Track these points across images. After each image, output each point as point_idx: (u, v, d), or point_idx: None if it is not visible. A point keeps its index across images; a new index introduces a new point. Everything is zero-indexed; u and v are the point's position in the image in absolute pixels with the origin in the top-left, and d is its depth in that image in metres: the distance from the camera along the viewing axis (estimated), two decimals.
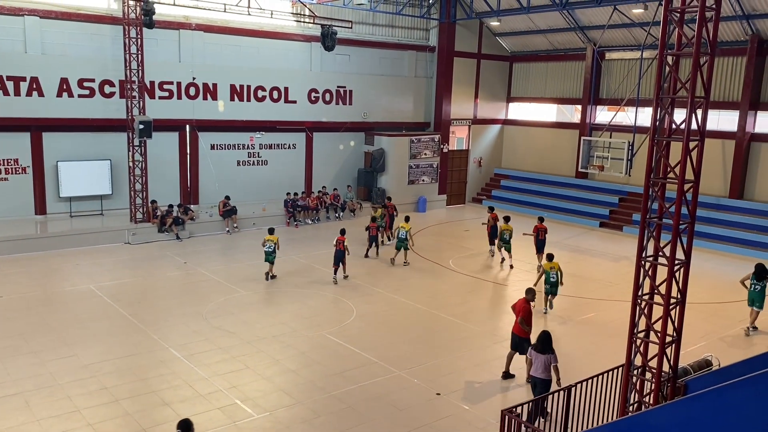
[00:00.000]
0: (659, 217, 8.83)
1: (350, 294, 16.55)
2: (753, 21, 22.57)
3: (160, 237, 21.61)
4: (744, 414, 6.26)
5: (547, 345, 10.13)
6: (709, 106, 8.54)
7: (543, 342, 10.17)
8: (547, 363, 10.09)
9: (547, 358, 10.09)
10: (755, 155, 23.76)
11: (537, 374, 10.20)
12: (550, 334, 10.35)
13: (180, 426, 7.47)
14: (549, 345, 10.14)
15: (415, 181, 28.97)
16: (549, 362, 10.09)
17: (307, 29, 25.48)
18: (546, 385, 10.12)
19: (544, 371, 10.11)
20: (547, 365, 10.09)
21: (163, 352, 12.48)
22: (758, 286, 14.70)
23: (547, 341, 10.16)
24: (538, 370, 10.15)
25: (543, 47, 30.53)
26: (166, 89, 22.86)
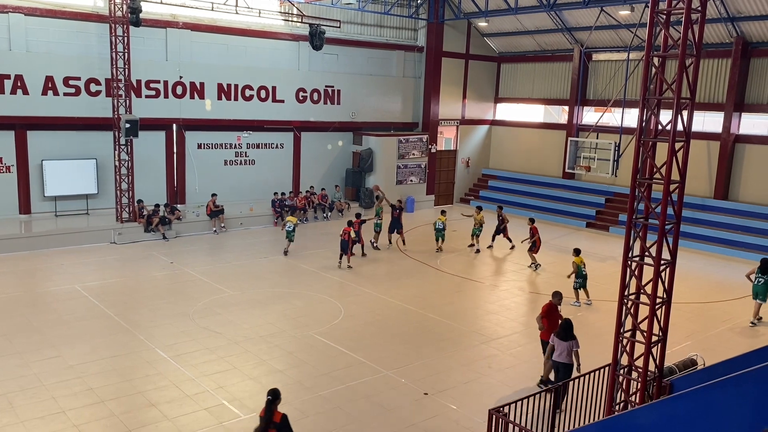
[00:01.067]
0: (645, 218, 8.90)
1: (338, 294, 16.53)
2: (738, 23, 22.80)
3: (147, 237, 21.47)
4: (728, 412, 6.32)
5: (569, 332, 10.71)
6: (694, 107, 8.61)
7: (565, 329, 10.75)
8: (569, 348, 10.66)
9: (569, 344, 10.66)
10: (740, 156, 24.00)
11: (560, 359, 10.73)
12: (571, 322, 10.89)
13: (270, 393, 7.71)
14: (571, 332, 10.72)
15: (403, 182, 28.99)
16: (571, 348, 10.67)
17: (295, 28, 25.42)
18: (568, 369, 10.69)
19: (567, 356, 10.69)
20: (569, 351, 10.67)
21: (150, 353, 12.40)
22: (762, 279, 15.22)
23: (569, 328, 10.74)
24: (562, 355, 10.72)
25: (530, 48, 30.66)
26: (152, 88, 22.71)
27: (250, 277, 17.78)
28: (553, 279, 18.99)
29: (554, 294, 12.29)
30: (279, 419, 7.57)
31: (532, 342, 13.85)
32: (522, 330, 14.61)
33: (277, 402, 7.65)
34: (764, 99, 23.28)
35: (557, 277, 19.12)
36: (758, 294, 15.31)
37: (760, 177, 23.45)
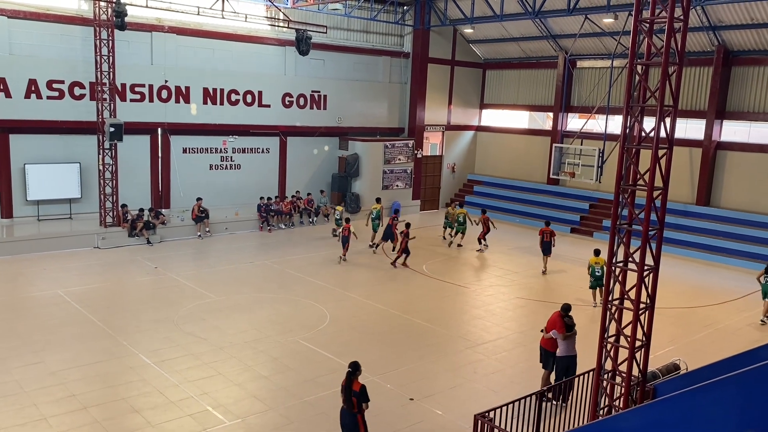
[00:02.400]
0: (629, 224, 8.98)
1: (323, 299, 16.50)
2: (719, 32, 23.12)
3: (131, 241, 21.31)
4: (711, 417, 6.38)
5: (571, 328, 11.23)
6: (677, 114, 8.71)
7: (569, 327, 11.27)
8: (571, 343, 11.16)
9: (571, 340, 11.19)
10: (721, 163, 24.30)
11: (567, 353, 11.13)
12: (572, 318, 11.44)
13: (351, 366, 8.85)
14: (572, 327, 11.26)
15: (389, 186, 29.02)
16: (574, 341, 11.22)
17: (281, 33, 25.40)
18: (574, 361, 11.16)
19: (570, 349, 11.17)
20: (571, 345, 11.16)
21: (133, 359, 12.29)
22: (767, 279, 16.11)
23: (571, 325, 11.28)
24: (566, 350, 11.14)
25: (515, 55, 30.87)
26: (137, 92, 22.58)
27: (236, 282, 17.70)
28: (537, 284, 19.11)
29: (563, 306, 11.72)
30: (358, 389, 8.77)
31: (518, 347, 13.93)
32: (507, 335, 14.67)
33: (357, 373, 8.80)
34: (745, 107, 23.62)
35: (543, 282, 19.24)
36: (767, 294, 16.09)
37: (741, 183, 23.76)
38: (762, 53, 22.96)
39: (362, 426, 8.85)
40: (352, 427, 8.82)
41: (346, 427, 8.92)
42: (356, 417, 8.77)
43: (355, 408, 8.74)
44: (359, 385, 8.79)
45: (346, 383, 8.83)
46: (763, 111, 23.17)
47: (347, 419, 8.86)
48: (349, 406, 8.79)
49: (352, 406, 8.75)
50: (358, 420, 8.78)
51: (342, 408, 8.93)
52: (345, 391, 8.82)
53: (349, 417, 8.82)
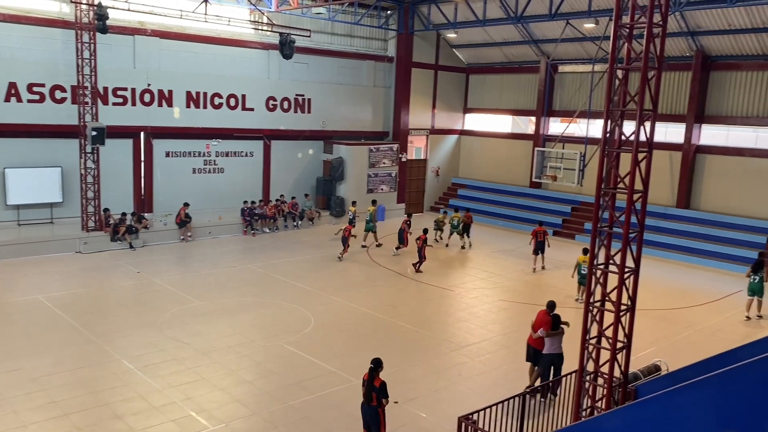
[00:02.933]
0: (610, 226, 9.09)
1: (307, 303, 16.48)
2: (698, 37, 23.47)
3: (113, 246, 21.13)
4: (691, 417, 6.47)
5: (557, 325, 11.53)
6: (656, 118, 8.84)
7: (556, 324, 11.54)
8: (557, 341, 11.42)
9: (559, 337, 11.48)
10: (700, 166, 24.64)
11: (554, 351, 11.39)
12: (559, 315, 11.67)
13: (373, 362, 9.22)
14: (558, 324, 11.55)
15: (374, 190, 29.05)
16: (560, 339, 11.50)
17: (265, 37, 25.38)
18: (560, 359, 11.48)
19: (558, 347, 11.43)
20: (557, 343, 11.41)
21: (116, 364, 12.19)
22: (756, 278, 16.70)
23: (557, 322, 11.55)
24: (553, 347, 11.39)
25: (498, 59, 31.09)
26: (120, 95, 22.43)
27: (219, 287, 17.63)
28: (521, 286, 19.23)
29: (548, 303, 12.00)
30: (379, 384, 9.12)
31: (502, 349, 14.01)
32: (491, 337, 14.75)
33: (379, 370, 9.19)
34: (723, 111, 23.97)
35: (526, 285, 19.37)
36: (754, 291, 16.71)
37: (720, 186, 24.11)
38: (739, 58, 23.34)
39: (382, 418, 9.28)
40: (373, 420, 9.25)
41: (367, 420, 9.35)
42: (377, 410, 9.19)
43: (374, 401, 9.14)
44: (380, 381, 9.16)
45: (368, 378, 9.23)
46: (741, 115, 23.55)
47: (368, 412, 9.28)
48: (368, 400, 9.20)
49: (371, 400, 9.16)
50: (379, 413, 9.21)
51: (362, 403, 9.32)
52: (366, 385, 9.21)
53: (369, 410, 9.25)
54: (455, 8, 26.80)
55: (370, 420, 9.28)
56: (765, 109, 22.98)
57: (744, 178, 23.47)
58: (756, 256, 21.68)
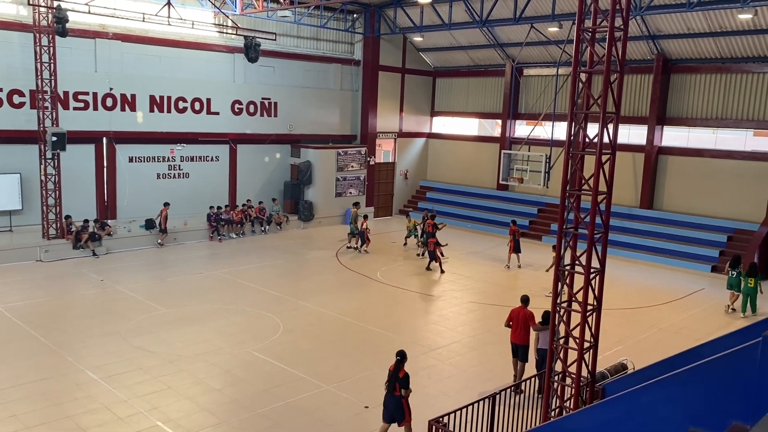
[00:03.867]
0: (575, 228, 9.20)
1: (276, 309, 16.32)
2: (658, 41, 23.97)
3: (76, 254, 20.67)
4: (656, 414, 6.57)
5: (547, 321, 11.38)
6: (619, 121, 8.98)
7: (546, 319, 11.49)
8: (546, 335, 11.26)
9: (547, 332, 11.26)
10: (663, 167, 25.15)
11: (544, 346, 11.44)
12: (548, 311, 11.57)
13: (399, 354, 9.68)
14: (547, 320, 11.42)
15: (342, 194, 28.98)
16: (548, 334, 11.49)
17: (230, 40, 25.12)
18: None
19: (545, 343, 11.39)
20: (546, 338, 11.33)
21: (79, 375, 11.89)
22: (734, 273, 17.61)
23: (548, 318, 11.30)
24: (545, 342, 11.42)
25: (464, 63, 31.31)
26: (81, 100, 21.97)
27: (186, 294, 17.36)
28: (489, 288, 19.35)
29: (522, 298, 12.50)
30: (402, 375, 9.53)
31: (471, 351, 14.07)
32: (461, 339, 14.80)
33: (404, 362, 9.60)
34: (684, 113, 24.52)
35: (495, 287, 19.50)
36: (732, 286, 17.65)
37: (682, 187, 24.64)
38: (698, 61, 23.91)
39: (407, 408, 9.60)
40: (396, 410, 9.58)
41: (389, 410, 9.65)
42: (400, 400, 9.54)
43: (397, 392, 9.51)
44: (404, 372, 9.54)
45: (394, 369, 9.60)
46: (701, 117, 24.11)
47: (391, 402, 9.62)
48: (391, 390, 9.58)
49: (394, 390, 9.55)
50: (402, 403, 9.56)
51: (386, 394, 9.67)
52: (391, 376, 9.60)
53: (393, 400, 9.58)
54: (421, 12, 26.91)
55: (394, 410, 9.58)
56: (723, 111, 23.58)
57: (704, 178, 24.03)
58: (717, 255, 22.27)
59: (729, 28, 21.85)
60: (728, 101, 23.43)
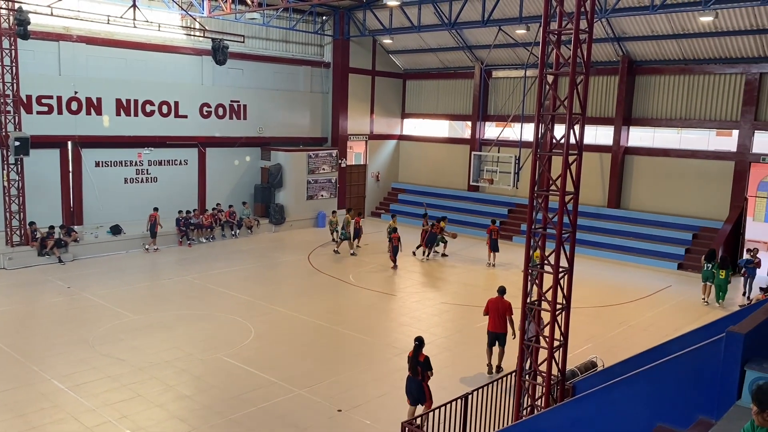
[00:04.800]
0: (543, 227, 9.29)
1: (247, 314, 16.18)
2: (623, 43, 24.39)
3: (41, 261, 20.23)
4: (625, 411, 6.67)
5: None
6: (586, 121, 9.11)
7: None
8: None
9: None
10: (629, 167, 25.58)
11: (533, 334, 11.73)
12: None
13: (417, 340, 10.24)
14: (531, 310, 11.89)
15: (314, 196, 28.87)
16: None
17: (197, 43, 24.86)
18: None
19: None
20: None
21: (45, 385, 11.63)
22: (708, 266, 18.44)
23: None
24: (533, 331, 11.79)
25: (434, 65, 31.47)
26: (45, 104, 21.53)
27: (155, 300, 17.11)
28: (462, 289, 19.46)
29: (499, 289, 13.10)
30: (423, 359, 10.09)
31: (444, 352, 14.12)
32: (434, 340, 14.81)
33: (422, 346, 10.15)
34: (649, 113, 24.98)
35: (466, 287, 19.60)
36: (707, 278, 18.46)
37: (648, 186, 25.09)
38: (662, 63, 24.38)
39: (427, 391, 10.12)
40: (418, 393, 10.11)
41: (412, 392, 10.20)
42: (421, 384, 10.06)
43: (419, 375, 10.04)
44: (424, 356, 10.08)
45: (413, 354, 10.16)
46: (666, 117, 24.59)
47: (413, 385, 10.17)
48: (414, 374, 10.13)
49: (417, 374, 10.09)
50: (423, 386, 10.07)
51: (408, 376, 10.27)
52: (412, 361, 10.16)
53: (414, 383, 10.12)
54: (390, 14, 26.97)
55: (417, 393, 10.12)
56: (687, 111, 24.08)
57: (670, 177, 24.50)
58: (683, 252, 22.71)
59: (691, 30, 22.33)
60: (692, 102, 23.94)
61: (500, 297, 12.85)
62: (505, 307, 12.71)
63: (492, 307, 12.79)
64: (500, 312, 12.69)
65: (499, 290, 12.99)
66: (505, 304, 12.75)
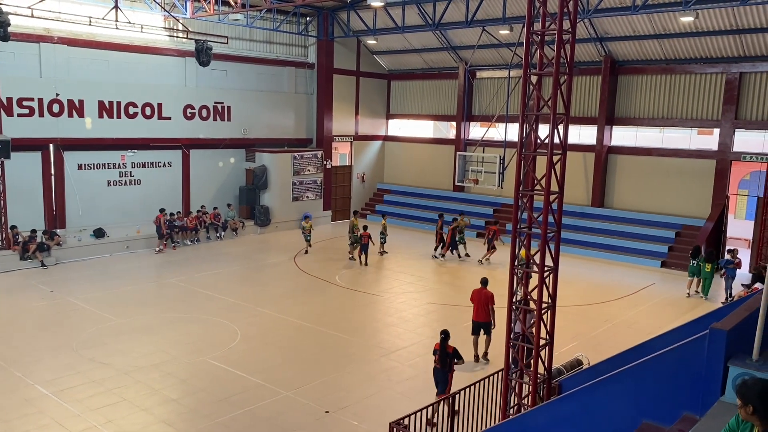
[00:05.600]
0: (528, 227, 9.35)
1: (234, 316, 16.10)
2: (606, 43, 24.59)
3: (23, 265, 20.00)
4: (611, 408, 6.73)
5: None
6: (569, 121, 9.17)
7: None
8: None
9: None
10: (612, 166, 25.79)
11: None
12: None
13: (443, 333, 10.83)
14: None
15: (299, 198, 28.80)
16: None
17: (180, 44, 24.70)
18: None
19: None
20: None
21: (28, 390, 11.50)
22: (693, 262, 19.19)
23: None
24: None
25: (418, 66, 31.52)
26: (26, 106, 21.27)
27: (139, 303, 16.97)
28: (448, 289, 19.51)
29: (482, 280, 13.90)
30: (451, 351, 10.74)
31: (431, 352, 14.10)
32: (420, 340, 14.86)
33: (448, 339, 10.76)
34: (631, 113, 25.20)
35: (452, 287, 19.66)
36: (693, 273, 19.23)
37: (631, 185, 25.31)
38: (644, 62, 24.61)
39: (450, 380, 10.78)
40: (444, 381, 10.76)
41: (439, 382, 10.87)
42: (447, 374, 10.74)
43: (447, 366, 10.72)
44: (451, 348, 10.70)
45: (441, 347, 10.80)
46: (648, 116, 24.82)
47: (440, 375, 10.86)
48: (443, 365, 10.78)
49: (445, 365, 10.75)
50: (448, 376, 10.75)
51: (435, 367, 10.94)
52: (440, 352, 10.79)
53: (441, 374, 10.82)
54: (374, 15, 26.98)
55: (442, 382, 10.73)
56: (669, 111, 24.32)
57: (652, 176, 24.72)
58: (666, 250, 22.93)
59: (672, 30, 22.57)
60: (673, 101, 24.18)
61: (483, 288, 13.59)
62: (487, 297, 13.41)
63: (475, 297, 13.57)
64: (483, 301, 13.39)
65: (482, 281, 13.77)
66: (488, 294, 13.43)
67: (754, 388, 4.01)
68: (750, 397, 4.01)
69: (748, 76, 22.48)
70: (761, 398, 3.96)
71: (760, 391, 3.98)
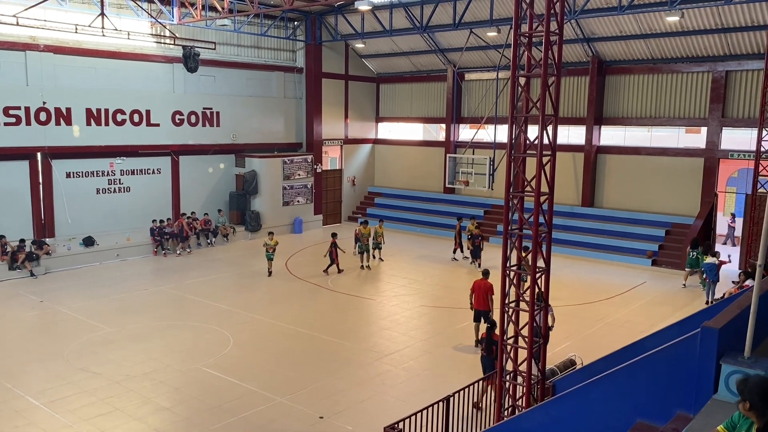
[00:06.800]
0: (519, 228, 9.36)
1: (226, 323, 16.03)
2: (593, 44, 24.71)
3: (12, 275, 19.83)
4: (605, 408, 6.73)
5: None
6: (558, 122, 9.20)
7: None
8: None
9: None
10: (602, 166, 25.90)
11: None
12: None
13: (489, 323, 11.83)
14: None
15: (290, 203, 28.73)
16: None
17: (168, 50, 24.59)
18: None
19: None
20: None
21: (19, 401, 11.39)
22: (693, 254, 19.59)
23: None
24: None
25: (407, 69, 31.55)
26: (12, 115, 21.10)
27: (130, 312, 16.85)
28: (440, 291, 19.51)
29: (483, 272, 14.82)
30: (497, 339, 10.52)
31: (424, 354, 14.15)
32: (413, 343, 14.85)
33: (494, 328, 11.43)
34: (619, 113, 25.33)
35: (444, 290, 19.65)
36: (691, 265, 19.65)
37: (620, 184, 25.42)
38: (631, 62, 24.75)
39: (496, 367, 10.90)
40: (491, 367, 11.18)
41: (486, 369, 11.52)
42: (493, 360, 11.07)
43: (493, 353, 11.14)
44: (497, 336, 10.67)
45: (487, 336, 11.74)
46: (636, 116, 24.95)
47: (487, 362, 11.61)
48: (489, 353, 11.53)
49: (491, 353, 11.39)
50: (494, 363, 10.81)
51: (482, 355, 11.95)
52: (486, 341, 11.71)
53: (488, 360, 11.54)
54: (362, 18, 26.99)
55: (489, 367, 11.35)
56: (657, 110, 24.46)
57: (641, 175, 24.84)
58: (656, 249, 23.04)
59: (658, 30, 22.71)
60: (661, 100, 24.32)
61: (484, 279, 14.46)
62: (486, 287, 14.25)
63: (476, 288, 14.44)
64: (483, 291, 14.26)
65: (483, 273, 14.69)
66: (487, 284, 14.27)
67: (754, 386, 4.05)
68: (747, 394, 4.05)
69: (734, 75, 22.66)
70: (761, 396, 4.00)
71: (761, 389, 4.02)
